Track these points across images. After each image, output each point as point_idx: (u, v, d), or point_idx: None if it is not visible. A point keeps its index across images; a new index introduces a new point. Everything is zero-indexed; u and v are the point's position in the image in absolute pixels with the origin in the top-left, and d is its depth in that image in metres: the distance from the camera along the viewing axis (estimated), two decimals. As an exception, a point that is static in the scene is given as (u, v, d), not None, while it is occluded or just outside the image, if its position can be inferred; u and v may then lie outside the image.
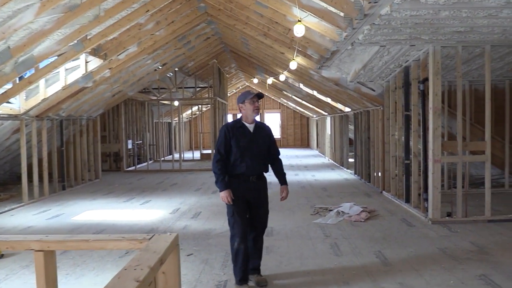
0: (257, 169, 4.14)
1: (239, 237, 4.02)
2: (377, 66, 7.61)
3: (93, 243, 1.79)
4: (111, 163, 14.84)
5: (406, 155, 7.54)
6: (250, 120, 4.13)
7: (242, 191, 4.06)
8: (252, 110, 4.07)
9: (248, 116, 4.10)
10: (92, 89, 9.70)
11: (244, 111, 4.11)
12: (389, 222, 6.46)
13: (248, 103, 4.06)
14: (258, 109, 4.13)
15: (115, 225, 6.65)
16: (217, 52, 13.86)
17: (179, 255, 1.90)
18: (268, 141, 4.26)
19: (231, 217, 4.08)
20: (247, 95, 4.12)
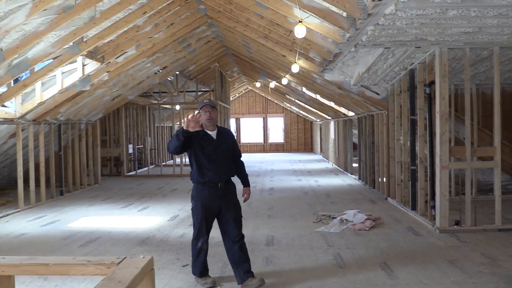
0: (225, 175, 4.25)
1: (203, 239, 4.23)
2: (382, 69, 7.39)
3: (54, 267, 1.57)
4: (111, 168, 14.65)
5: (412, 161, 7.29)
6: (210, 128, 4.21)
7: (212, 199, 4.19)
8: (205, 120, 4.15)
9: (205, 124, 4.17)
10: (91, 93, 9.52)
11: (201, 121, 4.15)
12: (394, 231, 6.21)
13: (202, 113, 4.15)
14: (211, 118, 4.19)
15: (110, 233, 6.43)
16: (219, 56, 13.68)
17: (153, 283, 1.67)
18: (232, 145, 4.36)
19: (198, 222, 4.21)
20: (200, 104, 4.22)
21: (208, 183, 4.16)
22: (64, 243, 5.91)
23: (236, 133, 25.74)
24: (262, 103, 25.93)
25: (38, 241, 6.06)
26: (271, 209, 8.04)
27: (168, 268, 4.79)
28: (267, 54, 10.18)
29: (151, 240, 5.97)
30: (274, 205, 8.43)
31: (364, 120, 10.87)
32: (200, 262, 4.27)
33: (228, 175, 4.30)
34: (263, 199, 9.19)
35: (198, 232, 4.21)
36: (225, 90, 16.27)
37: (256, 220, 7.14)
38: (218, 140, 4.23)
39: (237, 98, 25.93)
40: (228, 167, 4.28)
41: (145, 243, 5.82)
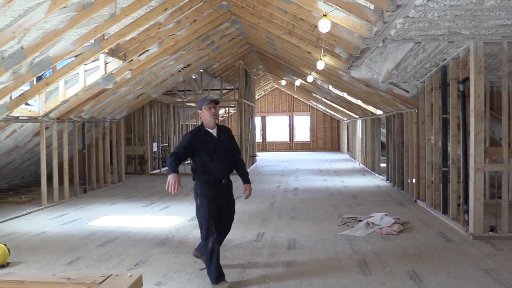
0: (227, 172, 4.34)
1: (213, 237, 4.13)
2: (411, 66, 7.03)
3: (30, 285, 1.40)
4: (136, 166, 14.69)
5: (443, 162, 6.92)
6: (212, 126, 4.25)
7: (216, 196, 4.21)
8: (209, 116, 4.19)
9: (207, 122, 4.22)
10: (114, 91, 9.49)
11: (203, 117, 4.24)
12: (424, 236, 5.87)
13: (206, 110, 4.19)
14: (215, 115, 4.27)
15: (129, 233, 6.33)
16: (243, 53, 13.49)
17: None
18: (231, 143, 4.42)
19: (205, 220, 4.15)
20: (204, 101, 4.23)
21: (212, 181, 4.20)
22: (83, 243, 5.83)
23: (261, 131, 25.55)
24: (288, 101, 25.63)
25: (57, 240, 6.01)
26: (294, 210, 7.79)
27: (185, 271, 4.62)
28: (291, 51, 9.93)
29: (170, 241, 5.83)
30: (297, 206, 8.18)
31: (392, 119, 10.48)
32: (214, 265, 4.14)
33: (229, 172, 4.38)
34: (287, 200, 8.95)
35: (207, 231, 4.16)
36: (250, 88, 16.08)
37: (279, 221, 6.92)
38: (219, 138, 4.28)
39: (262, 97, 25.71)
40: (229, 165, 4.35)
41: (163, 244, 5.69)
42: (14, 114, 7.63)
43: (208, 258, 4.15)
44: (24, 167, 11.42)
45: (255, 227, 6.56)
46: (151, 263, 4.92)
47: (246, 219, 7.07)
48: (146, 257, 5.15)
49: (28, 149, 10.26)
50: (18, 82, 6.66)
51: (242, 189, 4.40)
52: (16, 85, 6.68)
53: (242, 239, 5.85)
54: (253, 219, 7.13)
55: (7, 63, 5.88)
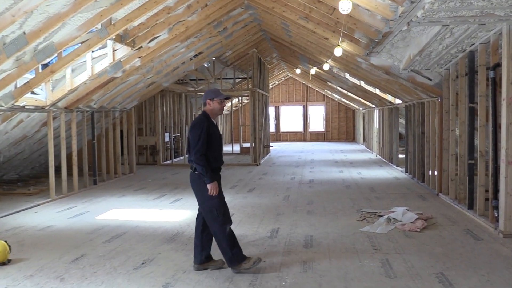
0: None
1: (229, 225, 4.26)
2: (436, 51, 6.58)
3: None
4: (147, 157, 14.47)
5: (469, 154, 6.48)
6: (215, 116, 4.37)
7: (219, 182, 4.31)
8: (219, 110, 4.32)
9: (215, 113, 4.32)
10: (123, 79, 9.20)
11: (211, 108, 4.29)
12: (450, 234, 5.48)
13: (217, 103, 4.27)
14: (223, 109, 4.47)
15: (138, 227, 6.05)
16: (257, 41, 13.08)
17: None
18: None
19: (220, 206, 4.22)
20: (218, 94, 4.30)
21: (218, 168, 4.34)
22: (89, 238, 5.57)
23: (275, 121, 25.16)
24: (303, 90, 25.17)
25: (63, 235, 5.76)
26: (310, 204, 7.45)
27: (194, 271, 4.32)
28: (308, 37, 9.50)
29: (180, 237, 5.54)
30: (313, 200, 7.83)
31: (412, 108, 10.02)
32: (238, 247, 4.24)
33: None
34: (302, 193, 8.60)
35: (225, 216, 4.22)
36: (264, 77, 15.68)
37: (294, 216, 6.58)
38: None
39: (276, 86, 25.28)
40: None
41: (172, 240, 5.39)
42: (20, 103, 7.38)
43: (229, 242, 4.17)
44: (34, 157, 11.25)
45: (270, 222, 6.24)
46: (159, 261, 4.63)
47: (259, 213, 6.75)
48: (154, 254, 4.86)
49: (37, 140, 10.06)
50: (22, 70, 6.41)
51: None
52: (19, 73, 6.42)
53: (256, 235, 5.53)
54: (267, 213, 6.80)
55: (9, 49, 5.60)
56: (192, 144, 4.13)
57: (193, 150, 4.11)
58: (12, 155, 10.16)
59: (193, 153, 4.11)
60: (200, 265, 4.31)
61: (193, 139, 4.13)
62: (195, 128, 4.14)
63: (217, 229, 4.18)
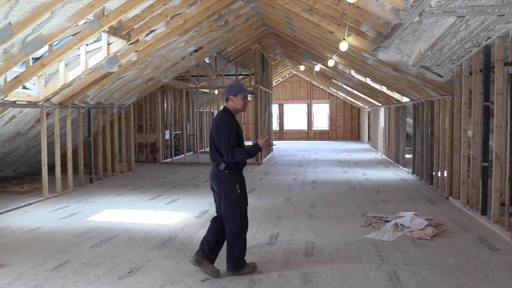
0: None
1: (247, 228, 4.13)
2: (449, 46, 6.17)
3: None
4: (147, 154, 14.14)
5: (484, 156, 6.08)
6: (237, 113, 4.15)
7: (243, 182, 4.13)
8: (242, 105, 4.11)
9: (238, 109, 4.11)
10: (120, 74, 8.85)
11: (235, 104, 4.09)
12: (463, 242, 5.09)
13: (240, 98, 4.08)
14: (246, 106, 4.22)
15: (129, 230, 5.70)
16: (260, 36, 12.68)
17: None
18: None
19: (245, 209, 4.08)
20: (242, 89, 4.10)
21: (243, 168, 4.13)
22: (76, 242, 5.23)
23: (278, 119, 24.77)
24: (307, 88, 24.75)
25: (50, 238, 5.42)
26: (312, 207, 7.07)
27: (184, 282, 3.97)
28: (312, 32, 9.10)
29: (172, 242, 5.18)
30: (316, 202, 7.46)
31: (421, 106, 9.61)
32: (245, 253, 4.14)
33: None
34: (304, 194, 8.22)
35: (245, 219, 4.09)
36: (267, 73, 15.29)
37: (295, 220, 6.21)
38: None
39: (280, 83, 24.88)
40: None
41: (164, 246, 5.04)
42: (10, 98, 7.05)
43: (242, 247, 4.07)
44: (30, 154, 10.94)
45: (269, 226, 5.87)
46: (147, 270, 4.28)
47: (258, 217, 6.38)
48: (142, 262, 4.51)
49: (32, 136, 9.74)
50: (10, 63, 6.07)
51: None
52: (7, 66, 6.08)
53: (253, 241, 5.16)
54: (266, 216, 6.44)
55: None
56: (223, 144, 3.92)
57: (225, 152, 3.91)
58: (7, 151, 9.85)
59: (225, 153, 3.91)
60: (200, 258, 4.03)
61: (223, 139, 3.92)
62: (223, 132, 3.93)
63: (236, 231, 4.01)
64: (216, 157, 4.01)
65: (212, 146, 4.03)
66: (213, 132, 4.03)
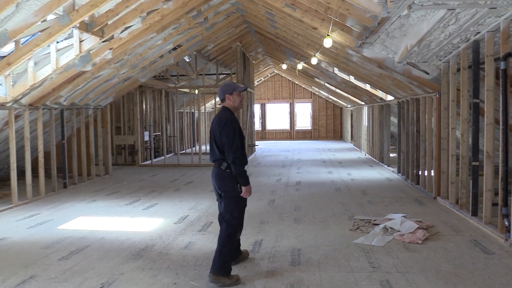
0: None
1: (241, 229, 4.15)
2: (437, 41, 5.96)
3: None
4: (126, 157, 13.66)
5: (474, 155, 5.88)
6: (236, 111, 4.16)
7: None
8: (239, 102, 4.09)
9: (236, 107, 4.09)
10: (94, 74, 8.42)
11: (231, 102, 4.07)
12: (456, 246, 4.86)
13: (237, 95, 4.06)
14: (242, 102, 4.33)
15: (103, 240, 5.32)
16: (241, 34, 12.37)
17: None
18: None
19: (243, 209, 4.09)
20: (236, 87, 4.10)
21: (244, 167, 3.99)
22: (44, 254, 4.82)
23: (261, 119, 24.49)
24: (289, 87, 24.53)
25: (16, 251, 5.00)
26: (297, 210, 6.79)
27: (160, 299, 3.62)
28: (294, 28, 8.82)
29: (149, 252, 4.82)
30: (301, 205, 7.17)
31: (406, 105, 9.43)
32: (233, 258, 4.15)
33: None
34: (289, 196, 7.94)
35: (239, 222, 4.05)
36: (249, 73, 14.98)
37: (280, 225, 5.91)
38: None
39: (262, 83, 24.60)
40: None
41: (140, 256, 4.68)
42: (-26, 99, 6.59)
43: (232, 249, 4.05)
44: (1, 158, 10.40)
45: (252, 232, 5.56)
46: (119, 285, 3.92)
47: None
48: (115, 275, 4.14)
49: (1, 140, 9.23)
50: (-30, 62, 5.62)
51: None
52: (-33, 65, 5.64)
53: (236, 249, 4.83)
54: (249, 221, 6.11)
55: None
56: (227, 143, 3.85)
57: (229, 150, 3.84)
58: (-26, 156, 9.32)
59: (230, 153, 3.84)
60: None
61: (227, 138, 3.85)
62: (227, 126, 3.88)
63: (230, 230, 3.97)
64: (217, 156, 3.95)
65: (213, 144, 3.96)
66: (214, 130, 3.96)
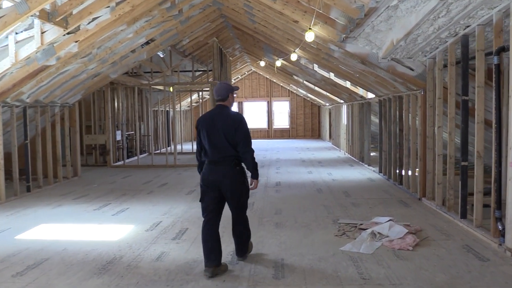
0: None
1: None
2: (425, 35, 5.66)
3: None
4: (97, 157, 13.03)
5: (463, 155, 5.60)
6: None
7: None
8: (233, 101, 4.31)
9: (231, 106, 4.26)
10: (59, 68, 7.84)
11: (231, 101, 4.26)
12: (448, 252, 4.55)
13: (231, 96, 4.23)
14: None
15: (65, 251, 4.81)
16: (217, 29, 11.91)
17: None
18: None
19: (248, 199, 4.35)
20: (231, 88, 4.23)
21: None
22: (-3, 269, 4.30)
23: (238, 118, 24.01)
24: (267, 86, 24.16)
25: (-36, 265, 4.46)
26: (278, 214, 6.40)
27: (126, 322, 3.17)
28: (274, 22, 8.43)
29: (116, 266, 4.34)
30: (282, 208, 6.79)
31: (388, 103, 9.16)
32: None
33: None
34: (269, 198, 7.55)
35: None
36: (226, 70, 14.51)
37: (260, 230, 5.50)
38: None
39: (239, 81, 24.16)
40: None
41: (105, 270, 4.20)
42: None
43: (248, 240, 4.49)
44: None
45: (231, 239, 5.09)
46: (80, 306, 3.45)
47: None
48: (76, 294, 3.66)
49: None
50: None
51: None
52: None
53: (213, 259, 4.40)
54: (227, 227, 5.58)
55: None
56: (244, 140, 4.04)
57: (248, 145, 4.06)
58: None
59: (248, 148, 4.05)
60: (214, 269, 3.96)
61: (244, 135, 4.04)
62: (243, 124, 4.07)
63: (247, 219, 4.38)
64: (229, 153, 4.02)
65: (225, 142, 4.01)
66: (225, 128, 4.01)
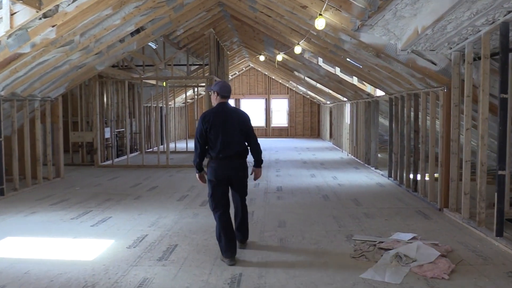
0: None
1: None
2: (457, 21, 4.84)
3: None
4: (83, 156, 12.14)
5: (500, 163, 4.80)
6: None
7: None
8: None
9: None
10: (36, 58, 6.98)
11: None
12: (492, 283, 3.74)
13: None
14: None
15: (27, 276, 3.96)
16: (215, 19, 11.06)
17: None
18: None
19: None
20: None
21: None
22: None
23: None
24: (265, 82, 23.31)
25: None
26: (282, 227, 5.58)
27: None
28: (278, 9, 7.58)
29: (86, 297, 3.51)
30: (286, 219, 5.97)
31: (400, 101, 8.35)
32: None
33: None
34: (270, 207, 6.72)
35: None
36: (223, 64, 13.67)
37: (262, 249, 4.67)
38: None
39: (237, 77, 23.30)
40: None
41: (72, 304, 3.36)
42: None
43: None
44: None
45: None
46: None
47: (213, 245, 4.76)
48: None
49: None
50: None
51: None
52: None
53: (207, 289, 3.59)
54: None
55: None
56: (254, 135, 4.47)
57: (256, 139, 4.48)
58: None
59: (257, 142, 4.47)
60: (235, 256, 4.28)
61: (252, 130, 4.48)
62: (250, 120, 4.49)
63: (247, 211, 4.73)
64: (243, 146, 4.37)
65: (240, 137, 4.34)
66: (241, 123, 4.36)
